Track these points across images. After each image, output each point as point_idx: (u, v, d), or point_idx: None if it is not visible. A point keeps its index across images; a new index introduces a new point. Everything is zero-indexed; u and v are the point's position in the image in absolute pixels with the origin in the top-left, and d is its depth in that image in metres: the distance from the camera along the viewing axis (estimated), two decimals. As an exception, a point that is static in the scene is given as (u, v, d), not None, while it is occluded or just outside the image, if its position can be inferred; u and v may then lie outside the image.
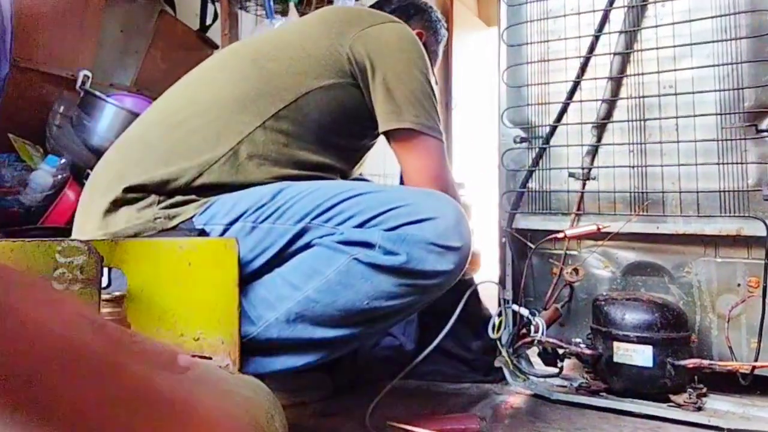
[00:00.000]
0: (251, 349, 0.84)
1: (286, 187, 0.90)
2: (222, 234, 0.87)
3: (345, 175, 1.10)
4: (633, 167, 1.23)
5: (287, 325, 0.85)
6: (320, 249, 0.86)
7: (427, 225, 0.85)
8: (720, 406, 1.05)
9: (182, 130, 0.95)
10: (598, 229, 1.20)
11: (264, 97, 0.96)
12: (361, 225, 0.85)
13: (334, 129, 1.02)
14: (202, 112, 0.96)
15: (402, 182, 1.09)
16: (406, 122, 0.99)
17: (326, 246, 0.86)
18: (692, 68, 1.17)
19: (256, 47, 1.05)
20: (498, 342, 1.25)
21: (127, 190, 0.90)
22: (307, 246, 0.88)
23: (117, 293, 0.54)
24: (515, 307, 1.27)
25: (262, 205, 0.88)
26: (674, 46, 1.19)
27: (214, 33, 2.05)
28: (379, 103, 1.00)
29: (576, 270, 1.25)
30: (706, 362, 1.04)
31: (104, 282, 0.60)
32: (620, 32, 1.25)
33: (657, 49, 1.21)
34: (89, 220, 0.93)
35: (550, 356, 1.22)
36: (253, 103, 0.96)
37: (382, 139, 1.08)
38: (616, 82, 1.26)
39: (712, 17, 1.15)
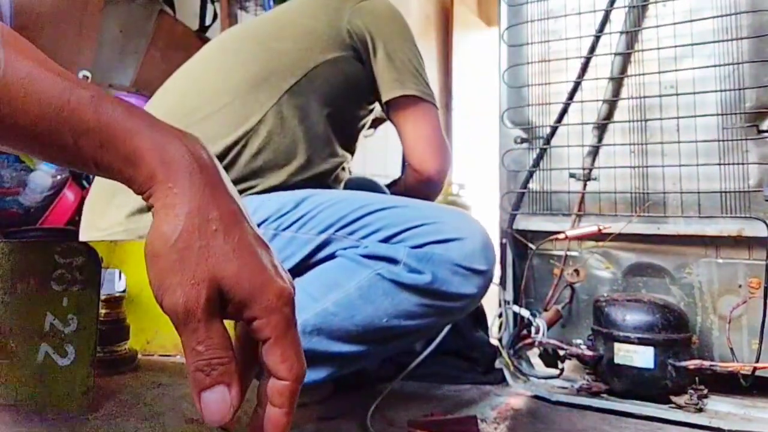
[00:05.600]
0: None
1: (309, 196, 0.89)
2: None
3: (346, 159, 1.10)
4: (634, 168, 1.23)
5: (303, 336, 0.82)
6: (343, 261, 0.85)
7: (453, 246, 0.83)
8: (721, 407, 1.05)
9: (194, 119, 0.94)
10: (599, 229, 1.20)
11: (275, 74, 0.97)
12: (386, 240, 0.84)
13: (340, 103, 1.03)
14: (214, 98, 0.95)
15: (404, 164, 1.09)
16: (410, 90, 1.03)
17: (349, 258, 0.84)
18: (693, 68, 1.17)
19: (256, 29, 1.06)
20: (499, 343, 1.24)
21: None
22: (329, 257, 0.86)
23: (116, 294, 0.53)
24: (516, 308, 1.27)
25: (285, 213, 0.87)
26: (675, 47, 1.19)
27: (214, 33, 2.04)
28: (382, 73, 1.03)
29: (577, 271, 1.25)
30: (707, 363, 1.04)
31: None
32: (621, 32, 1.25)
33: (658, 49, 1.21)
34: (107, 215, 0.91)
35: (550, 357, 1.21)
36: (265, 82, 0.96)
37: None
38: (617, 82, 1.26)
39: (713, 17, 1.15)
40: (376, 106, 1.12)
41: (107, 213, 0.91)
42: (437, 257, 0.83)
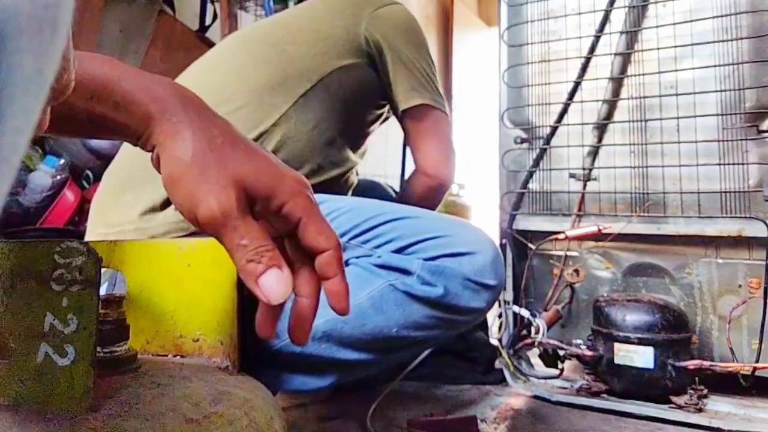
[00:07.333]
0: (271, 362, 0.82)
1: (323, 201, 0.88)
2: None
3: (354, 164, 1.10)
4: (634, 168, 1.23)
5: (312, 342, 0.82)
6: (356, 269, 0.85)
7: (465, 260, 0.84)
8: (721, 407, 1.05)
9: None
10: (599, 230, 1.19)
11: (290, 79, 0.97)
12: (399, 251, 0.84)
13: (352, 109, 1.03)
14: (228, 100, 0.95)
15: (403, 171, 1.09)
16: (425, 99, 1.04)
17: (363, 267, 0.84)
18: (693, 69, 1.17)
19: (267, 32, 1.05)
20: (499, 343, 1.24)
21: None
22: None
23: (116, 294, 0.53)
24: (516, 308, 1.27)
25: None
26: (675, 47, 1.19)
27: (214, 33, 2.04)
28: (398, 81, 1.04)
29: (577, 271, 1.25)
30: (707, 363, 1.04)
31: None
32: (621, 32, 1.25)
33: (658, 49, 1.21)
34: (118, 212, 0.90)
35: (550, 357, 1.21)
36: (280, 86, 0.96)
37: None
38: (617, 82, 1.26)
39: (713, 17, 1.15)
40: (385, 111, 1.12)
41: (118, 210, 0.91)
42: (449, 271, 0.83)
